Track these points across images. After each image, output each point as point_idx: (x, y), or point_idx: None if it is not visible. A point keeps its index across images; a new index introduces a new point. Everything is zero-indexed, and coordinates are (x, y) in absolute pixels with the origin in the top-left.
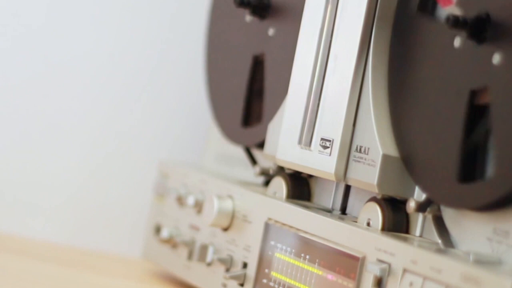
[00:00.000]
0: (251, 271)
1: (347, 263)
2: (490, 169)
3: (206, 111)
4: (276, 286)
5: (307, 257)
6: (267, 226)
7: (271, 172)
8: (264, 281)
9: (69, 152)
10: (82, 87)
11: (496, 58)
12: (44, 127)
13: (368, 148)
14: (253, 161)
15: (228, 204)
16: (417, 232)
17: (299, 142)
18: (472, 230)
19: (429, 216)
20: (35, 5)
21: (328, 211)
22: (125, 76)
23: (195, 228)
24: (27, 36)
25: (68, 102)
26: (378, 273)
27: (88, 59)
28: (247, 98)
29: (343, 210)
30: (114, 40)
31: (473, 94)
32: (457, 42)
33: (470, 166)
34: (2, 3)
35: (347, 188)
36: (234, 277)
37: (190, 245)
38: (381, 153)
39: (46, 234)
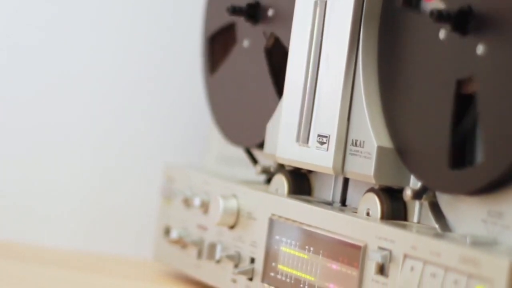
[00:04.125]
0: (259, 265)
1: (350, 252)
2: (480, 155)
3: (206, 114)
4: (284, 278)
5: (311, 249)
6: (271, 222)
7: (271, 170)
8: (272, 274)
9: (77, 161)
10: (86, 98)
11: (480, 49)
12: (52, 138)
13: (363, 141)
14: (254, 160)
15: (233, 203)
16: (415, 219)
17: (297, 139)
18: (467, 213)
19: (426, 203)
20: (37, 21)
21: (329, 204)
22: (126, 87)
23: (202, 227)
24: (31, 52)
25: (74, 114)
26: (380, 260)
27: (91, 71)
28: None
29: (343, 202)
30: (114, 51)
31: (460, 83)
32: (442, 34)
33: (462, 153)
34: (6, 19)
35: (346, 181)
36: (242, 273)
37: (198, 244)
38: (376, 145)
39: (59, 241)
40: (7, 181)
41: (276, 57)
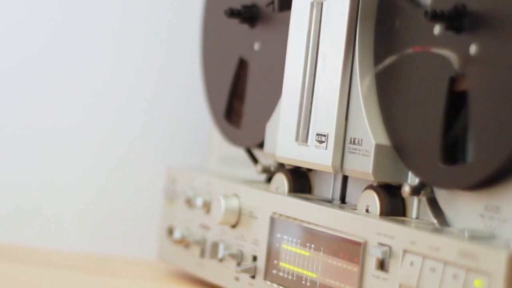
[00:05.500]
0: (261, 263)
1: (350, 249)
2: (472, 152)
3: (207, 117)
4: (286, 275)
5: (312, 246)
6: (272, 220)
7: (272, 169)
8: (274, 271)
9: (81, 164)
10: (89, 103)
11: (473, 49)
12: (56, 142)
13: (361, 140)
14: (255, 160)
15: (234, 203)
16: (414, 215)
17: (296, 139)
18: (465, 208)
19: (424, 199)
20: (39, 27)
21: (329, 202)
22: (128, 92)
23: (205, 227)
24: (34, 58)
25: (78, 118)
26: (380, 256)
27: (93, 76)
28: (230, 98)
29: (343, 199)
30: (115, 56)
31: (452, 81)
32: (436, 30)
33: (458, 148)
34: (10, 30)
35: (345, 179)
36: (245, 270)
37: (201, 243)
38: (373, 143)
39: (64, 243)
40: (13, 185)
41: None
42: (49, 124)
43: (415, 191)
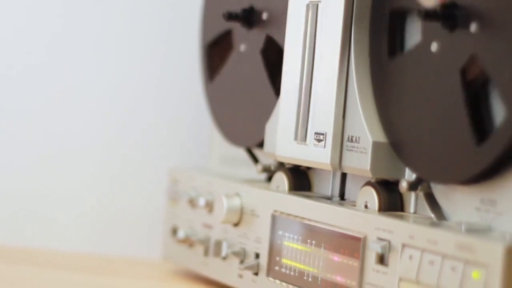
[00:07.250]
0: (263, 260)
1: (351, 244)
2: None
3: (207, 118)
4: (288, 271)
5: (313, 242)
6: (274, 218)
7: (272, 168)
8: (276, 268)
9: (86, 167)
10: (92, 107)
11: (473, 27)
12: (60, 145)
13: (359, 137)
14: (255, 159)
15: (236, 202)
16: (411, 209)
17: (295, 138)
18: (462, 202)
19: (421, 194)
20: (42, 32)
21: (328, 199)
22: (130, 96)
23: (208, 226)
24: (37, 63)
25: (82, 122)
26: (379, 250)
27: (96, 80)
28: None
29: (342, 196)
30: (117, 60)
31: (464, 72)
32: (434, 47)
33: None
34: (13, 34)
35: (343, 176)
36: (248, 268)
37: (205, 242)
38: (371, 140)
39: (70, 244)
40: (17, 186)
41: (272, 57)
42: (51, 126)
43: (413, 186)
